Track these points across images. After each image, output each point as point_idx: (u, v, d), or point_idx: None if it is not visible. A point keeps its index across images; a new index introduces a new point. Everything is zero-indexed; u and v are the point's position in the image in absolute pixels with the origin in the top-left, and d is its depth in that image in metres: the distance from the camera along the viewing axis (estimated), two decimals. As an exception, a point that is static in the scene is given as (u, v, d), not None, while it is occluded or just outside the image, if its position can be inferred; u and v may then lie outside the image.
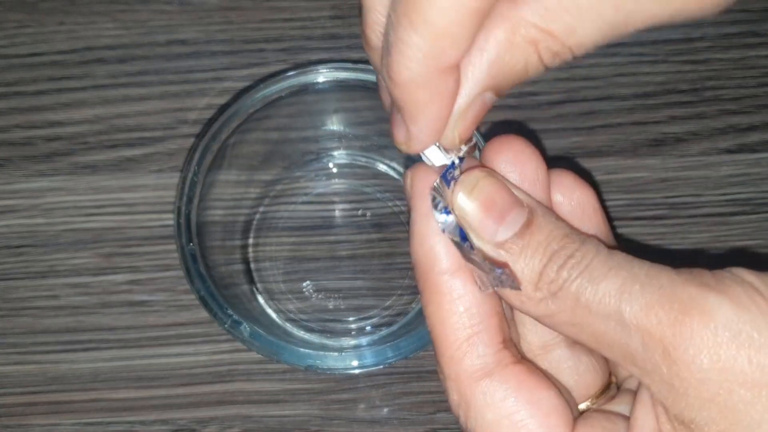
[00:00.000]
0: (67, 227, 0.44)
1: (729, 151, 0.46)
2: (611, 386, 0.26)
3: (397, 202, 0.45)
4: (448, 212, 0.23)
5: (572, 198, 0.25)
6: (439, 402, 0.41)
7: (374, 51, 0.23)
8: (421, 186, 0.24)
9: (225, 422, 0.41)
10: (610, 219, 0.44)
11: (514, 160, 0.24)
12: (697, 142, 0.46)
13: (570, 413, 0.23)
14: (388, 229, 0.44)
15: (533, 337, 0.26)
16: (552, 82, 0.47)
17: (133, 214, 0.44)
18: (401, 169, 0.45)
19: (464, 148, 0.24)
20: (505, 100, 0.35)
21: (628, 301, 0.21)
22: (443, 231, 0.23)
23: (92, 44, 0.48)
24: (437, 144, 0.23)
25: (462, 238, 0.23)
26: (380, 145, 0.45)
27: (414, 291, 0.43)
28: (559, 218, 0.23)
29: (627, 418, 0.23)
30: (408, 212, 0.24)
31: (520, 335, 0.26)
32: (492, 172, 0.24)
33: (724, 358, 0.19)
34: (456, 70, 0.21)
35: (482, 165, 0.24)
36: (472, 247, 0.23)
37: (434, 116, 0.22)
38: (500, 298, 0.24)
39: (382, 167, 0.46)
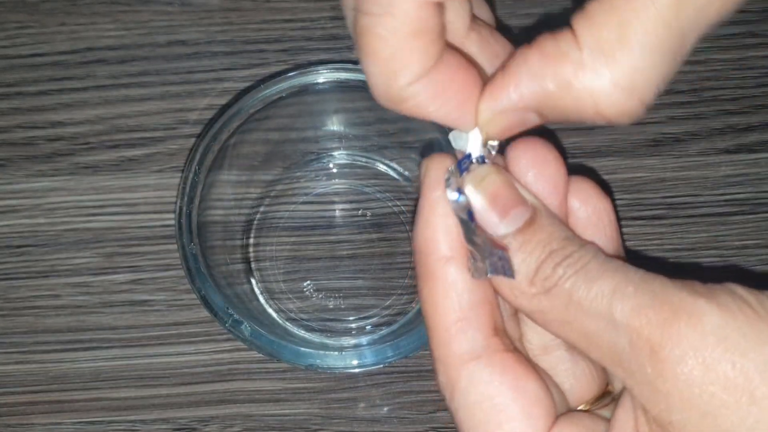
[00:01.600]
0: (68, 227, 0.44)
1: (727, 152, 0.46)
2: (606, 395, 0.26)
3: (397, 202, 0.45)
4: (460, 192, 0.24)
5: (589, 206, 0.26)
6: (439, 401, 0.41)
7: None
8: (434, 174, 0.24)
9: (226, 421, 0.41)
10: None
11: (534, 162, 0.25)
12: (695, 143, 0.46)
13: (554, 406, 0.23)
14: (388, 229, 0.44)
15: (534, 336, 0.26)
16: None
17: (135, 214, 0.44)
18: (401, 169, 0.45)
19: (493, 148, 0.24)
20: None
21: (620, 301, 0.21)
22: (453, 209, 0.24)
23: (93, 45, 0.48)
24: (471, 135, 0.24)
25: (470, 218, 0.23)
26: (380, 145, 0.45)
27: (414, 291, 0.43)
28: (562, 222, 0.24)
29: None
30: (415, 203, 0.24)
31: (522, 334, 0.26)
32: (501, 170, 0.24)
33: (708, 361, 0.20)
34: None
35: (496, 163, 0.25)
36: (475, 228, 0.23)
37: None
38: (494, 291, 0.24)
39: (382, 167, 0.46)
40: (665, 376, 0.20)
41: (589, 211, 0.26)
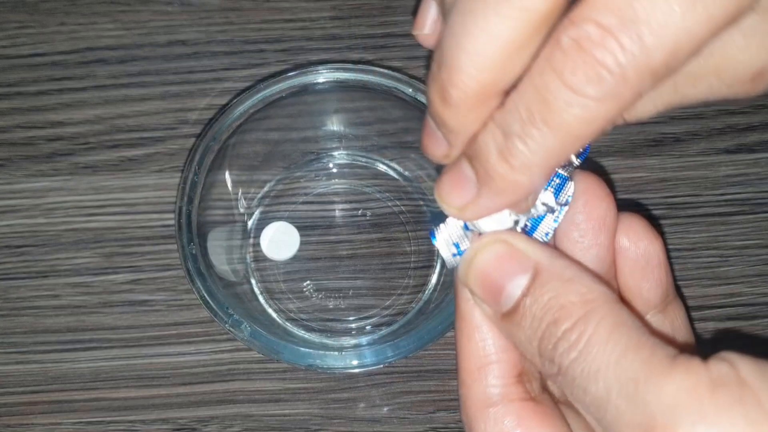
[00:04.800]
0: (68, 227, 0.44)
1: (727, 151, 0.46)
2: None
3: (397, 202, 0.45)
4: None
5: (639, 246, 0.25)
6: (439, 401, 0.41)
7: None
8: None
9: (225, 421, 0.41)
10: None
11: (585, 202, 0.25)
12: (695, 143, 0.46)
13: None
14: (388, 229, 0.44)
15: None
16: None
17: (134, 213, 0.44)
18: (401, 169, 0.45)
19: (570, 167, 0.24)
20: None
21: (613, 412, 0.20)
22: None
23: (93, 45, 0.48)
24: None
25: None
26: (380, 145, 0.45)
27: (413, 291, 0.43)
28: (566, 277, 0.22)
29: None
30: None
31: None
32: (495, 239, 0.23)
33: None
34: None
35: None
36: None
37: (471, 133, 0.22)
38: None
39: (382, 167, 0.46)
40: None
41: (639, 251, 0.25)
